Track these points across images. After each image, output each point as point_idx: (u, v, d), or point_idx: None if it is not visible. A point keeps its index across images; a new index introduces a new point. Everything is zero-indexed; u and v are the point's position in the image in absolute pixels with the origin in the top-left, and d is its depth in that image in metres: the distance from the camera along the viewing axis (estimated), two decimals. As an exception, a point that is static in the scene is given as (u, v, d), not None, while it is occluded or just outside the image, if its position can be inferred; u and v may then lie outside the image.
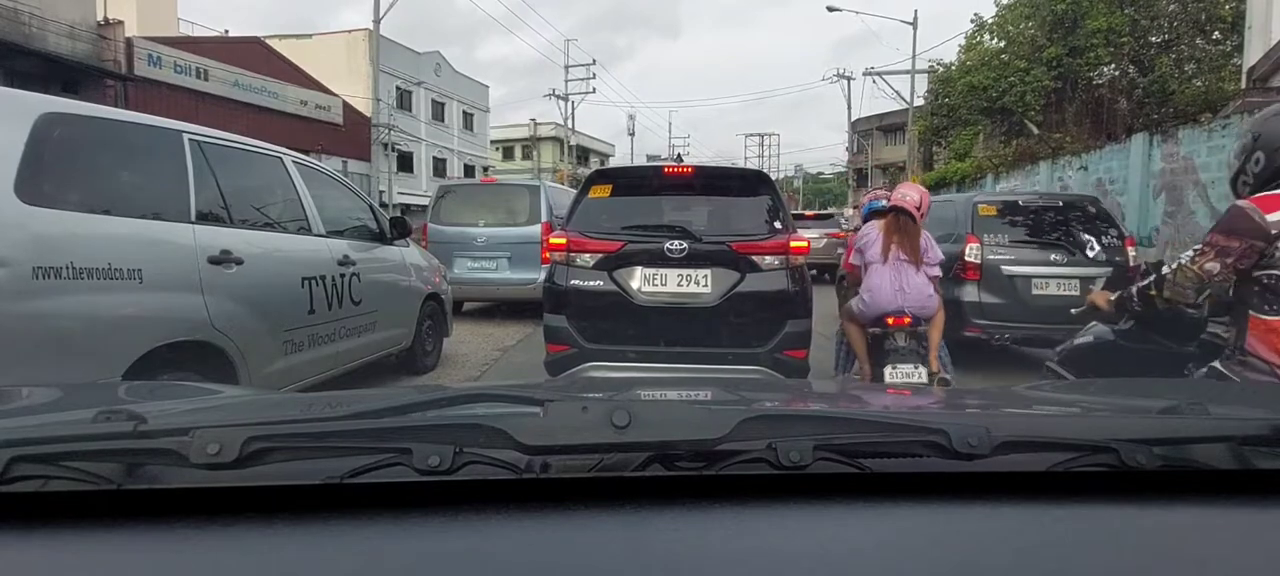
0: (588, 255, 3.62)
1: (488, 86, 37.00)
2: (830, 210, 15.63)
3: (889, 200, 3.85)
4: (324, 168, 4.44)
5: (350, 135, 24.68)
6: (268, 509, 0.63)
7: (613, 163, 34.96)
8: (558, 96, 36.44)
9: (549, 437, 0.67)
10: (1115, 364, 2.30)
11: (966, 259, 5.14)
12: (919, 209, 3.59)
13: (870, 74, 25.63)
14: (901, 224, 3.59)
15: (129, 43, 17.19)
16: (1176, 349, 2.06)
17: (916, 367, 3.43)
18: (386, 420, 0.79)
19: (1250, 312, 1.83)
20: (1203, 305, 2.05)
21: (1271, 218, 1.78)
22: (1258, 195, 1.86)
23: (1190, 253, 1.95)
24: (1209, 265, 1.89)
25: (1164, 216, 9.59)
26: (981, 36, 19.11)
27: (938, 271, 3.74)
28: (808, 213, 16.13)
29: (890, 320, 3.49)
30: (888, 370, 3.45)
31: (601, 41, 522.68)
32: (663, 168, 4.09)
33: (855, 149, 39.57)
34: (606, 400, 0.98)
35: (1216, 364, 1.92)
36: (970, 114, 18.45)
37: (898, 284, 3.52)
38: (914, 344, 3.49)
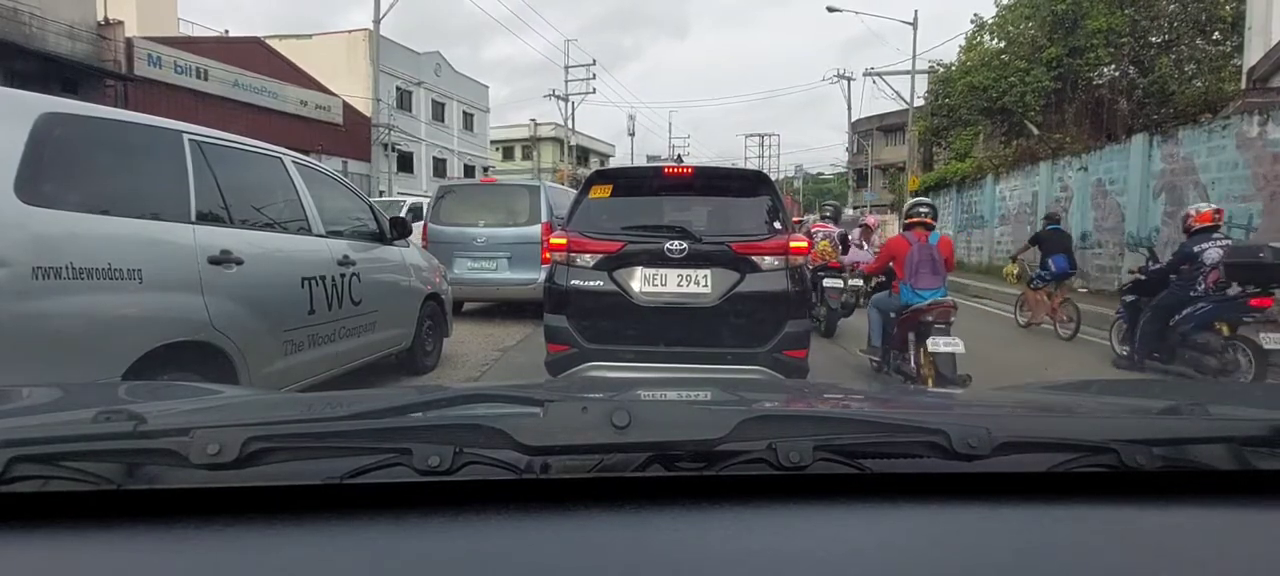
0: (588, 255, 3.62)
1: (488, 87, 37.03)
2: (801, 218, 16.05)
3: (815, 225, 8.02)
4: (324, 168, 4.44)
5: (350, 135, 24.66)
6: (268, 509, 0.63)
7: (613, 163, 34.96)
8: (558, 97, 36.46)
9: (549, 437, 0.67)
10: None
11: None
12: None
13: (870, 74, 25.63)
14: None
15: (129, 43, 17.17)
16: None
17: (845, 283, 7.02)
18: (386, 420, 0.79)
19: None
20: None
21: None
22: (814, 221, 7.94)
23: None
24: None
25: (1164, 217, 9.59)
26: (981, 37, 19.11)
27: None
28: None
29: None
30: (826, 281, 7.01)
31: (607, 41, 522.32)
32: (663, 168, 4.08)
33: (855, 149, 39.57)
34: (606, 400, 0.98)
35: None
36: (970, 114, 18.44)
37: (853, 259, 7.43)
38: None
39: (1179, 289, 5.34)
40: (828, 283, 6.80)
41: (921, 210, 4.82)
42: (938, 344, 4.05)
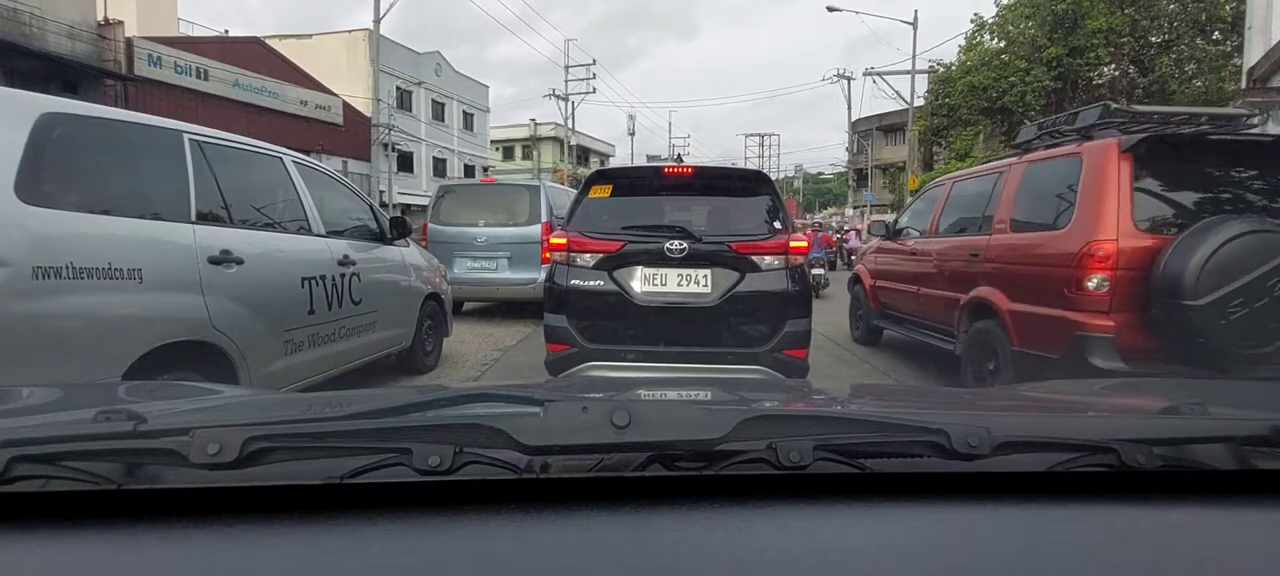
0: (588, 255, 3.62)
1: (488, 86, 36.99)
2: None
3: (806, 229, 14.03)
4: (324, 168, 4.43)
5: (350, 135, 24.65)
6: (268, 509, 0.63)
7: (613, 163, 34.91)
8: (558, 97, 36.44)
9: (549, 437, 0.67)
10: None
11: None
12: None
13: (870, 74, 25.59)
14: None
15: (129, 43, 17.16)
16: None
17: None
18: (386, 420, 0.79)
19: None
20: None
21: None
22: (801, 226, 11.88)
23: None
24: None
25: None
26: (982, 36, 19.14)
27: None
28: None
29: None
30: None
31: (613, 41, 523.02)
32: (663, 168, 4.08)
33: (855, 149, 39.56)
34: (606, 400, 0.98)
35: None
36: (970, 114, 18.48)
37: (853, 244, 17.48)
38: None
39: None
40: None
41: (813, 225, 16.76)
42: (812, 272, 8.76)
